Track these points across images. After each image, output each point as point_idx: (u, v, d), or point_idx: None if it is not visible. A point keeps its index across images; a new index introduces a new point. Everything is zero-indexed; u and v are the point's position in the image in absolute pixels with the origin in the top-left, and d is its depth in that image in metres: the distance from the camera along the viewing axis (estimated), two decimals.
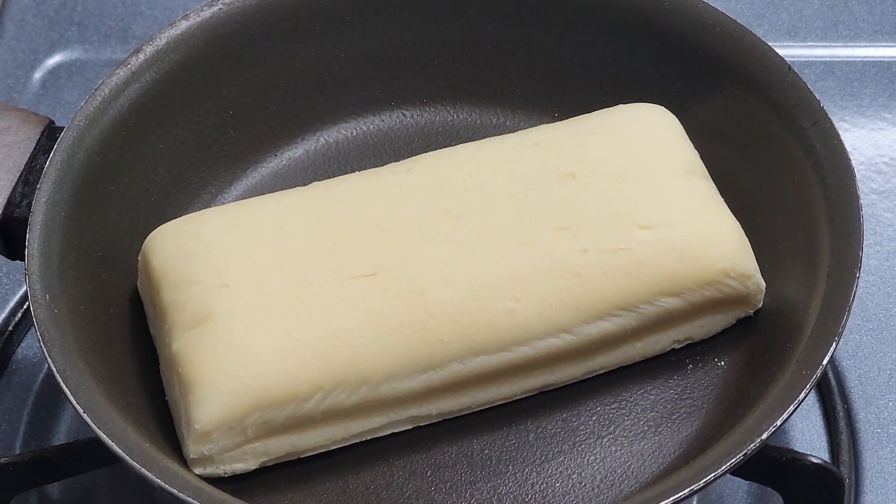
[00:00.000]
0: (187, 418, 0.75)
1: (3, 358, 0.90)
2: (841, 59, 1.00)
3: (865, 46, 1.01)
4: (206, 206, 0.88)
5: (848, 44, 1.01)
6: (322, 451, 0.78)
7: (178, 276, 0.79)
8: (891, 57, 1.01)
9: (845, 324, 0.74)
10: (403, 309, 0.78)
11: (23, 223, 0.78)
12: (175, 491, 0.70)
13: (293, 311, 0.78)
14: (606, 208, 0.81)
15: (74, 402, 0.72)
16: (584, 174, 0.82)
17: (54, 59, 1.02)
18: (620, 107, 0.86)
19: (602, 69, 0.88)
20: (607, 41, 0.88)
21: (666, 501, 0.69)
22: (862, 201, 0.78)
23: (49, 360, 0.73)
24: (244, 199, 0.88)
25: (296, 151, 0.91)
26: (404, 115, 0.91)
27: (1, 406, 0.88)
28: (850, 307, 0.74)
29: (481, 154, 0.84)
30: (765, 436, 0.71)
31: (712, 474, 0.70)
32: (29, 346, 0.85)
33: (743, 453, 0.70)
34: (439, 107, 0.92)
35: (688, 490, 0.70)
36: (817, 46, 1.01)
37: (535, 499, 0.77)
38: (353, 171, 0.86)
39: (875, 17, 1.02)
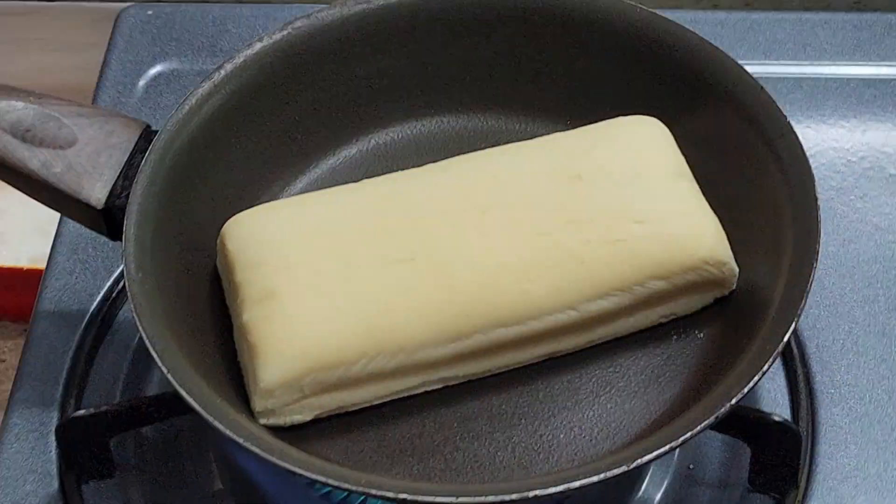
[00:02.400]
0: (254, 378, 0.75)
1: (108, 319, 0.90)
2: (808, 76, 1.00)
3: (828, 65, 1.00)
4: (275, 198, 0.87)
5: (814, 63, 1.01)
6: (366, 405, 0.78)
7: (249, 258, 0.79)
8: (849, 74, 1.00)
9: (804, 307, 0.73)
10: (436, 288, 0.78)
11: (122, 211, 0.78)
12: (239, 439, 0.70)
13: (343, 289, 0.78)
14: (607, 205, 0.81)
15: (161, 364, 0.72)
16: (589, 176, 0.82)
17: (155, 69, 1.03)
18: (621, 118, 0.85)
19: (607, 86, 0.88)
20: (611, 63, 0.87)
21: (651, 455, 0.69)
22: (823, 197, 0.78)
23: (140, 328, 0.73)
24: (306, 192, 0.88)
25: (351, 151, 0.90)
26: (442, 121, 0.91)
27: (105, 361, 0.88)
28: (807, 293, 0.73)
29: (505, 157, 0.84)
30: (734, 401, 0.70)
31: (689, 433, 0.69)
32: (129, 311, 0.84)
33: (715, 416, 0.70)
34: (471, 114, 0.91)
35: (668, 447, 0.69)
36: (788, 65, 1.00)
37: (542, 447, 0.77)
38: (399, 168, 0.85)
39: (837, 40, 1.02)
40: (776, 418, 0.78)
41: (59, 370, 0.87)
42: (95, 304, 0.91)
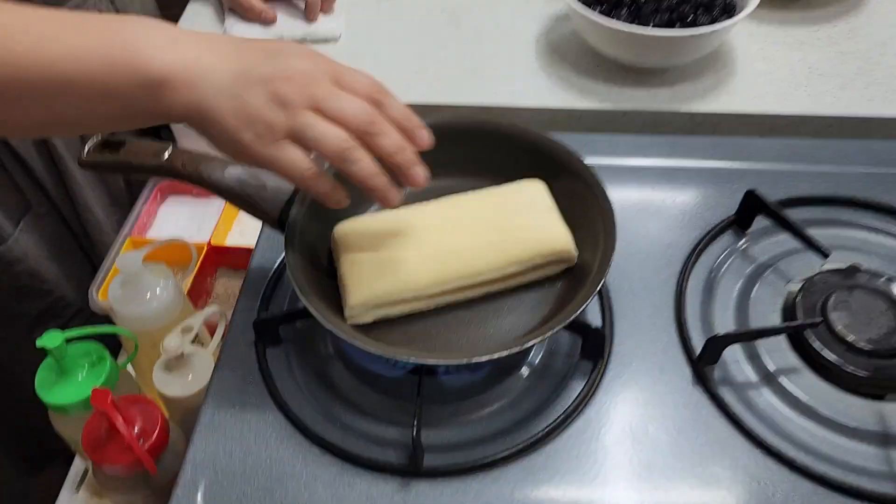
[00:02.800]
0: (345, 301, 0.74)
1: (280, 272, 0.87)
2: (614, 165, 0.95)
3: (623, 159, 0.96)
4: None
5: (617, 157, 0.96)
6: (398, 316, 0.75)
7: (345, 244, 0.77)
8: (631, 164, 0.96)
9: (608, 272, 0.72)
10: (432, 260, 0.75)
11: (287, 220, 0.76)
12: (336, 330, 0.69)
13: (387, 260, 0.75)
14: (515, 221, 0.78)
15: (300, 295, 0.70)
16: (508, 207, 0.79)
17: None
18: (524, 180, 0.82)
19: (518, 166, 0.83)
20: (521, 155, 0.83)
21: (535, 341, 0.67)
22: (619, 221, 0.75)
23: (292, 280, 0.72)
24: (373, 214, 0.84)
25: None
26: (441, 180, 0.82)
27: (279, 291, 0.85)
28: (609, 265, 0.72)
29: (467, 198, 0.81)
30: (574, 316, 0.69)
31: (552, 331, 0.68)
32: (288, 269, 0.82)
33: (565, 323, 0.68)
34: (454, 177, 0.84)
35: (543, 337, 0.68)
36: (605, 158, 0.95)
37: (482, 337, 0.74)
38: (418, 201, 0.81)
39: (628, 147, 0.98)
40: (594, 325, 0.76)
41: (258, 294, 0.84)
42: (276, 264, 0.87)
